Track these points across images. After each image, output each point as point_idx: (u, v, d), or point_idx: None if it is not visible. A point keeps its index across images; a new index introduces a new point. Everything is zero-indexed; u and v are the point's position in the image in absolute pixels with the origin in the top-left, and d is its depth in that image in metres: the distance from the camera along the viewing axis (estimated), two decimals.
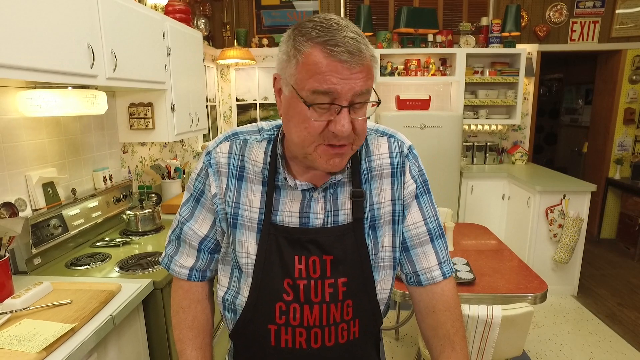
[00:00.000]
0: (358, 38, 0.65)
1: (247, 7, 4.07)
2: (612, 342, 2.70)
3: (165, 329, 1.58)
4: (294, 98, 0.69)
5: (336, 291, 0.79)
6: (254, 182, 0.81)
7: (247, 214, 0.81)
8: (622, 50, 4.09)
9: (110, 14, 1.67)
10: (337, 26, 0.65)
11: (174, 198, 2.60)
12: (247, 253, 0.81)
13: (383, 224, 0.83)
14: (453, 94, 3.99)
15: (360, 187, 0.81)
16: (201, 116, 2.78)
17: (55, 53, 1.35)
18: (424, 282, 0.87)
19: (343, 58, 0.64)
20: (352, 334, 0.82)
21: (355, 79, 0.65)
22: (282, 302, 0.79)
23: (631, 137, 4.29)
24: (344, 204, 0.81)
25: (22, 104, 1.57)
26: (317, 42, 0.65)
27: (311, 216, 0.80)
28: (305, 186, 0.79)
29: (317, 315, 0.79)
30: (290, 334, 0.80)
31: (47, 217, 1.67)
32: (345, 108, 0.67)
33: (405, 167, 0.85)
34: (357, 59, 0.65)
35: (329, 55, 0.64)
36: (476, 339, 1.55)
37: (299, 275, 0.78)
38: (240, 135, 0.84)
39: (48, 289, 1.34)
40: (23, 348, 1.01)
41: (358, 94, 0.67)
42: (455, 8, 4.07)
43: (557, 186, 3.18)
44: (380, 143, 0.85)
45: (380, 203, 0.82)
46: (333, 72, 0.64)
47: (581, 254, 3.24)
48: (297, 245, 0.79)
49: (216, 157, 0.83)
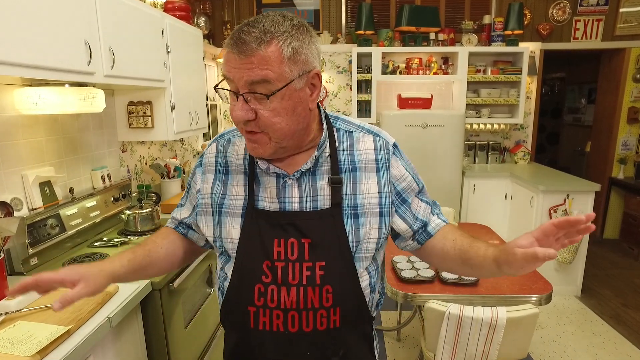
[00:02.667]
0: (255, 32, 0.71)
1: (247, 6, 4.05)
2: (617, 344, 2.67)
3: (163, 331, 1.56)
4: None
5: (314, 274, 0.82)
6: (237, 173, 0.89)
7: (232, 202, 0.88)
8: (626, 49, 4.05)
9: (109, 10, 1.65)
10: (246, 22, 0.74)
11: (173, 197, 2.58)
12: (230, 238, 0.86)
13: (368, 214, 0.86)
14: (455, 93, 3.96)
15: (339, 175, 0.86)
16: (201, 115, 2.75)
17: (51, 50, 1.32)
18: (432, 231, 0.94)
19: (232, 49, 0.73)
20: (332, 322, 0.84)
21: (243, 69, 0.72)
22: (260, 283, 0.82)
23: (635, 136, 4.25)
24: (322, 190, 0.85)
25: (18, 102, 1.55)
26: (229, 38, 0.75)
27: (286, 200, 0.85)
28: (277, 170, 0.84)
29: (295, 298, 0.82)
30: (268, 316, 0.83)
31: (44, 217, 1.64)
32: (240, 96, 0.74)
33: (391, 162, 0.90)
34: (242, 50, 0.71)
35: (227, 47, 0.74)
36: (480, 341, 1.52)
37: (277, 257, 0.82)
38: (225, 136, 0.95)
39: None
40: (16, 351, 0.98)
41: (250, 83, 0.73)
42: (458, 6, 4.04)
43: (561, 186, 3.15)
44: (365, 140, 0.91)
45: (363, 194, 0.86)
46: (228, 61, 0.74)
47: (585, 254, 3.21)
48: (276, 228, 0.84)
49: (206, 157, 0.94)
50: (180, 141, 3.19)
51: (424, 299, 1.65)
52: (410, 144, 3.49)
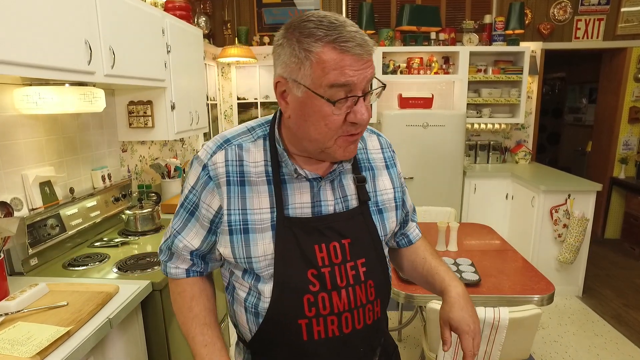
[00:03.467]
0: (360, 31, 0.70)
1: (248, 5, 4.04)
2: (619, 344, 2.66)
3: (164, 332, 1.55)
4: (310, 98, 0.70)
5: (358, 273, 0.82)
6: (258, 183, 0.81)
7: (257, 217, 0.80)
8: (627, 49, 4.04)
9: (109, 9, 1.64)
10: (338, 23, 0.69)
11: (173, 197, 2.57)
12: (263, 256, 0.79)
13: (389, 208, 0.91)
14: (456, 93, 3.95)
15: (361, 173, 0.88)
16: (201, 115, 2.74)
17: (51, 49, 1.32)
18: (413, 240, 1.06)
19: (356, 52, 0.68)
20: (376, 314, 0.86)
21: (366, 68, 0.70)
22: (309, 294, 0.79)
23: (636, 136, 4.24)
24: (350, 190, 0.86)
25: (18, 101, 1.54)
26: (327, 41, 0.67)
27: (322, 204, 0.82)
28: (314, 175, 0.82)
29: (346, 300, 0.81)
30: (322, 324, 0.80)
31: (44, 217, 1.63)
32: (361, 97, 0.71)
33: (396, 160, 0.97)
34: (367, 50, 0.69)
35: (343, 51, 0.67)
36: (482, 341, 1.51)
37: (322, 263, 0.80)
38: (232, 141, 0.83)
39: (44, 291, 1.30)
40: (16, 352, 0.98)
41: (368, 81, 0.72)
42: (459, 6, 4.03)
43: (562, 186, 3.14)
44: (372, 140, 0.95)
45: (381, 190, 0.90)
46: (348, 66, 0.68)
47: (586, 254, 3.20)
48: (314, 234, 0.80)
49: (214, 168, 0.81)
50: (180, 141, 3.18)
51: (426, 299, 1.64)
52: (411, 143, 3.48)
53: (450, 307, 0.89)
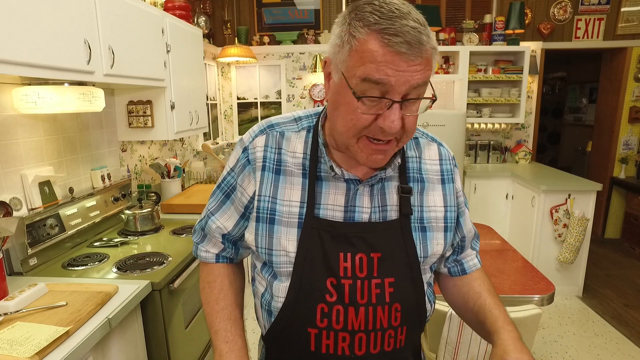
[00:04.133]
0: (420, 28, 0.60)
1: (247, 5, 4.03)
2: (619, 344, 2.65)
3: (164, 332, 1.55)
4: (343, 86, 0.65)
5: (383, 292, 0.74)
6: (293, 174, 0.77)
7: (286, 209, 0.76)
8: (628, 48, 4.04)
9: (108, 9, 1.64)
10: (398, 12, 0.60)
11: (173, 197, 2.57)
12: (285, 251, 0.75)
13: (435, 228, 0.80)
14: (456, 92, 3.94)
15: (408, 184, 0.78)
16: (201, 114, 2.74)
17: (50, 48, 1.31)
18: (468, 270, 0.90)
19: (401, 49, 0.59)
20: (398, 342, 0.77)
21: (411, 72, 0.60)
22: (324, 303, 0.73)
23: (636, 135, 4.24)
24: (392, 200, 0.77)
25: (17, 101, 1.54)
26: (375, 30, 0.60)
27: (357, 210, 0.75)
28: (351, 176, 0.75)
29: (363, 319, 0.73)
30: (332, 339, 0.74)
31: (44, 217, 1.63)
32: (397, 103, 0.62)
33: (455, 175, 0.84)
34: (417, 51, 0.60)
35: (386, 45, 0.59)
36: (482, 341, 1.51)
37: (344, 274, 0.73)
38: (276, 127, 0.80)
39: (43, 291, 1.30)
40: (14, 353, 0.97)
41: (413, 88, 0.62)
42: (459, 5, 4.03)
43: (562, 185, 3.14)
44: (431, 148, 0.83)
45: (429, 207, 0.80)
46: (388, 63, 0.60)
47: (586, 254, 3.20)
48: (342, 241, 0.74)
49: (254, 152, 0.79)
50: (180, 141, 3.18)
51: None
52: None
53: (505, 349, 0.72)
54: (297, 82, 4.09)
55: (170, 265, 1.62)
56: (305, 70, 4.06)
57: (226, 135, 4.22)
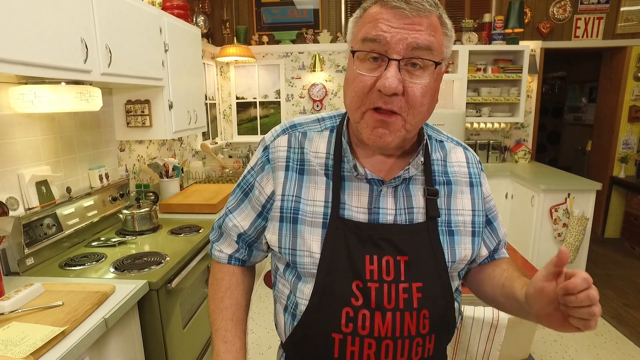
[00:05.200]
0: None
1: (247, 5, 4.03)
2: (619, 344, 2.65)
3: (161, 331, 1.54)
4: (350, 59, 0.67)
5: (411, 297, 0.71)
6: (316, 174, 0.76)
7: (310, 209, 0.75)
8: (627, 47, 4.03)
9: (105, 8, 1.63)
10: None
11: (171, 197, 2.56)
12: (309, 252, 0.73)
13: (463, 232, 0.77)
14: (455, 92, 3.94)
15: (434, 186, 0.77)
16: (200, 114, 2.73)
17: (47, 47, 1.31)
18: (497, 257, 0.88)
19: (398, 5, 0.61)
20: (426, 351, 0.74)
21: (408, 30, 0.61)
22: (349, 307, 0.71)
23: (636, 135, 4.23)
24: (418, 202, 0.75)
25: (13, 100, 1.53)
26: None
27: (381, 212, 0.74)
28: (374, 177, 0.74)
29: (390, 325, 0.70)
30: (358, 345, 0.71)
31: (41, 217, 1.62)
32: (395, 62, 0.62)
33: (482, 179, 0.83)
34: (414, 9, 0.61)
35: (384, 5, 0.63)
36: (481, 341, 1.50)
37: (370, 277, 0.70)
38: (298, 127, 0.81)
39: (39, 291, 1.29)
40: (9, 353, 0.97)
41: (413, 48, 0.62)
42: (458, 5, 4.02)
43: (562, 185, 3.13)
44: (457, 152, 0.82)
45: (457, 210, 0.78)
46: (383, 19, 0.62)
47: (586, 253, 3.19)
48: (368, 243, 0.72)
49: (275, 151, 0.79)
50: (179, 140, 3.17)
51: None
52: None
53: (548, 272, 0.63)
54: (296, 81, 4.08)
55: (167, 265, 1.61)
56: (304, 69, 4.06)
57: (225, 134, 4.21)
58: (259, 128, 4.18)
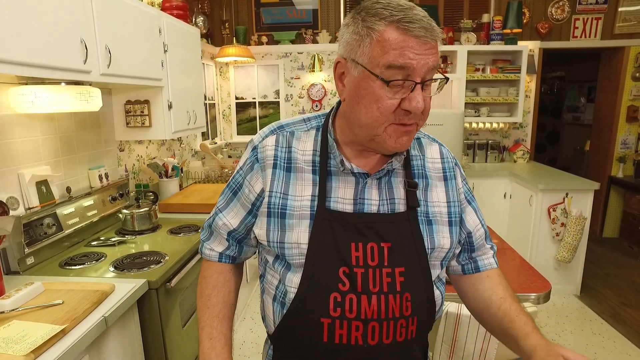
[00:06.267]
0: (428, 16, 0.68)
1: (246, 5, 4.04)
2: (616, 343, 2.66)
3: (160, 330, 1.55)
4: (365, 78, 0.70)
5: (394, 281, 0.76)
6: (303, 171, 0.81)
7: (297, 204, 0.79)
8: (626, 47, 4.04)
9: (104, 8, 1.64)
10: (406, 5, 0.68)
11: (171, 197, 2.57)
12: (297, 243, 0.77)
13: (440, 222, 0.83)
14: (454, 92, 3.95)
15: (413, 179, 0.82)
16: (199, 114, 2.74)
17: (46, 47, 1.32)
18: (482, 267, 0.91)
19: (420, 34, 0.66)
20: (409, 333, 0.79)
21: (428, 55, 0.68)
22: (337, 292, 0.75)
23: (634, 135, 4.24)
24: (399, 193, 0.81)
25: (14, 100, 1.54)
26: (392, 21, 0.67)
27: (365, 202, 0.79)
28: (359, 170, 0.79)
29: (376, 307, 0.75)
30: (346, 328, 0.75)
31: (41, 216, 1.63)
32: (419, 84, 0.69)
33: (456, 172, 0.88)
34: (431, 35, 0.67)
35: (406, 31, 0.66)
36: (478, 339, 1.51)
37: (355, 262, 0.75)
38: (286, 128, 0.85)
39: (39, 290, 1.30)
40: (10, 351, 0.98)
41: (430, 70, 0.69)
42: (456, 5, 4.03)
43: (560, 184, 3.14)
44: (432, 148, 0.88)
45: (434, 202, 0.83)
46: (409, 47, 0.66)
47: (584, 253, 3.20)
48: (353, 232, 0.77)
49: (263, 150, 0.83)
50: (178, 140, 3.18)
51: None
52: None
53: (556, 348, 0.70)
54: (295, 81, 4.09)
55: (167, 264, 1.62)
56: (303, 70, 4.07)
57: (224, 135, 4.22)
58: (259, 128, 4.19)
